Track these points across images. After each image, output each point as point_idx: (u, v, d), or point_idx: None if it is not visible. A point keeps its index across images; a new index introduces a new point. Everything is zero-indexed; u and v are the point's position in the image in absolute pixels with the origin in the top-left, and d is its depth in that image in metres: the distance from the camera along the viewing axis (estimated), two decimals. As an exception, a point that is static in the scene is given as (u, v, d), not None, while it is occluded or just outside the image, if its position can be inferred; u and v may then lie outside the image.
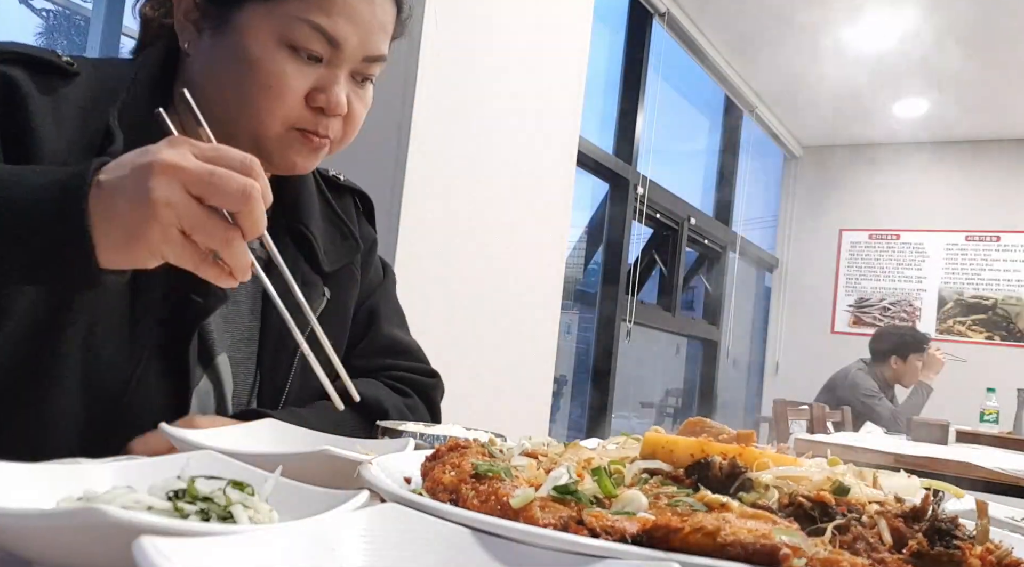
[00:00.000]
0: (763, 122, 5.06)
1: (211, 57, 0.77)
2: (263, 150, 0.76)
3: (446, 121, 1.84)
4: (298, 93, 0.75)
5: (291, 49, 0.74)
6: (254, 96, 0.74)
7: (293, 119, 0.76)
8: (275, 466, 0.47)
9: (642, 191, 3.58)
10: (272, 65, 0.74)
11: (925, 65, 3.93)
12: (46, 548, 0.36)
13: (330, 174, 0.97)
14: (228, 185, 0.53)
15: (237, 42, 0.74)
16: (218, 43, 0.76)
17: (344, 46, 0.75)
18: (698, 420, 0.57)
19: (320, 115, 0.77)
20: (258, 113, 0.75)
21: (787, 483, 0.47)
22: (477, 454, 0.49)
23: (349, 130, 0.81)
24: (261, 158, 0.75)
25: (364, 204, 1.00)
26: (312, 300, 0.85)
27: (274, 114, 0.75)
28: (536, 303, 2.25)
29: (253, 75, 0.74)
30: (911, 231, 5.32)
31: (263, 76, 0.74)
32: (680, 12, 3.80)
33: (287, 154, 0.78)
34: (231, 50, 0.75)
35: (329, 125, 0.78)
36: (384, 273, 1.01)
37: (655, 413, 4.77)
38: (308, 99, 0.76)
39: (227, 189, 0.53)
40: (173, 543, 0.31)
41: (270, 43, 0.74)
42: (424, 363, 0.98)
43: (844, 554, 0.37)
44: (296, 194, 0.88)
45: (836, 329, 5.43)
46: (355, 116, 0.80)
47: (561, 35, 2.29)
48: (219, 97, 0.76)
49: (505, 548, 0.37)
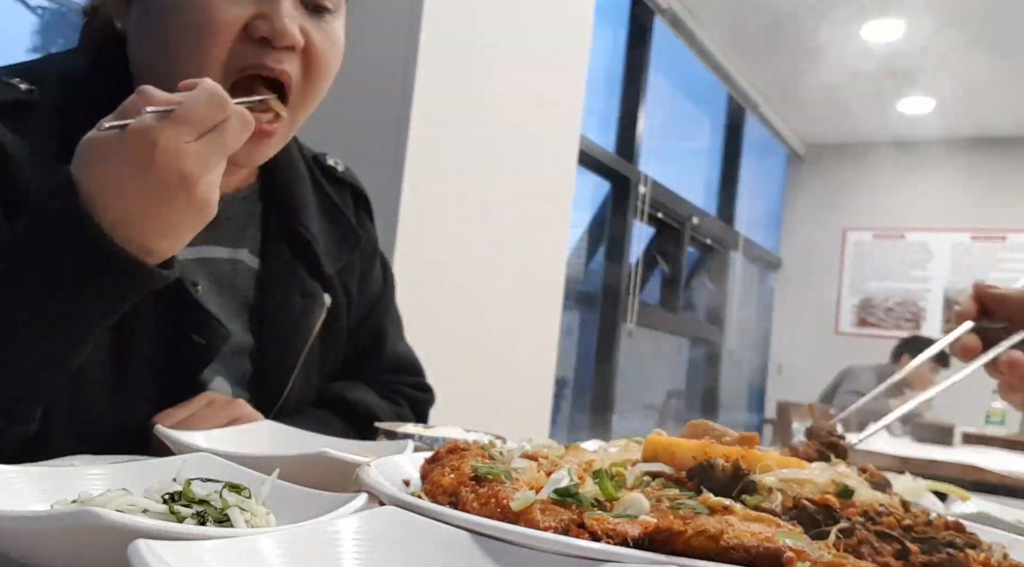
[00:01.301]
0: (766, 120, 5.05)
1: (140, 24, 0.70)
2: None
3: (446, 119, 1.84)
4: (232, 24, 0.65)
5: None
6: (184, 41, 0.66)
7: (233, 59, 0.66)
8: (272, 468, 0.46)
9: (644, 190, 3.57)
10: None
11: (930, 62, 3.91)
12: (41, 551, 0.36)
13: (327, 163, 0.88)
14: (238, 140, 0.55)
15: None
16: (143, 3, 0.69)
17: None
18: (701, 422, 0.57)
19: (266, 47, 0.66)
20: (190, 59, 0.65)
21: (791, 486, 0.47)
22: (477, 456, 0.48)
23: (316, 70, 0.69)
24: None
25: (363, 203, 0.92)
26: (313, 313, 0.80)
27: (209, 57, 0.65)
28: (537, 304, 2.25)
29: (177, 17, 0.66)
30: (916, 231, 5.30)
31: (188, 13, 0.65)
32: (682, 9, 3.80)
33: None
34: (153, 4, 0.68)
35: (282, 58, 0.67)
36: (385, 279, 0.95)
37: (657, 414, 4.76)
38: (247, 31, 0.66)
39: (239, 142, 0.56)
40: (169, 546, 0.30)
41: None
42: (421, 377, 0.95)
43: (849, 558, 0.37)
44: (288, 188, 0.81)
45: (840, 330, 5.42)
46: (319, 53, 0.69)
47: (562, 33, 2.28)
48: (152, 62, 0.69)
49: (505, 551, 0.37)
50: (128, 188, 0.53)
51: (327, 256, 0.82)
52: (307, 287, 0.80)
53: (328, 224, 0.84)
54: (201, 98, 0.54)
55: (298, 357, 0.79)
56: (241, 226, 0.79)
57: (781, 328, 5.61)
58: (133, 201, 0.53)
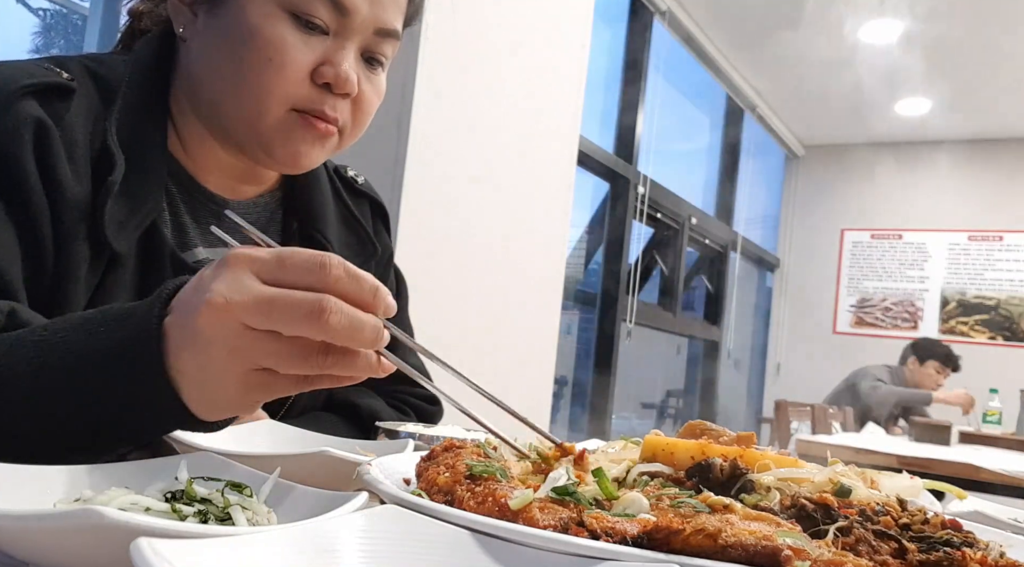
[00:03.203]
0: (764, 121, 5.05)
1: (206, 37, 0.71)
2: (262, 138, 0.70)
3: (446, 120, 1.84)
4: (302, 66, 0.68)
5: (294, 17, 0.68)
6: (252, 71, 0.67)
7: (296, 97, 0.69)
8: (273, 467, 0.47)
9: (643, 190, 3.58)
10: (272, 34, 0.67)
11: (928, 64, 3.92)
12: (44, 549, 0.36)
13: (348, 175, 0.90)
14: (293, 312, 0.42)
15: (234, 15, 0.68)
16: (214, 20, 0.70)
17: (354, 14, 0.69)
18: (698, 423, 0.57)
19: (327, 93, 0.69)
20: (257, 91, 0.68)
21: (789, 485, 0.47)
22: (472, 454, 0.48)
23: (360, 117, 0.73)
24: (260, 150, 0.71)
25: (381, 214, 0.93)
26: None
27: (274, 91, 0.68)
28: (536, 303, 2.25)
29: (251, 47, 0.67)
30: (913, 231, 5.31)
31: (262, 47, 0.67)
32: (681, 10, 3.80)
33: (290, 142, 0.70)
34: (227, 24, 0.69)
35: (337, 105, 0.70)
36: (399, 291, 0.95)
37: (656, 414, 4.77)
38: (313, 75, 0.69)
39: (293, 316, 0.42)
40: (171, 545, 0.31)
41: (271, 10, 0.67)
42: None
43: (848, 556, 0.37)
44: (309, 196, 0.82)
45: (838, 329, 5.43)
46: (366, 101, 0.73)
47: (561, 34, 2.29)
48: (214, 81, 0.70)
49: (505, 550, 0.37)
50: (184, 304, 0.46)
51: None
52: None
53: (346, 233, 0.86)
54: (304, 253, 0.44)
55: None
56: (261, 231, 0.79)
57: (779, 328, 5.62)
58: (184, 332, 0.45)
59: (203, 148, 0.75)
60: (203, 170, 0.76)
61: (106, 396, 0.47)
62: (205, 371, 0.45)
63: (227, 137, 0.73)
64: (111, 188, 0.65)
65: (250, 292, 0.43)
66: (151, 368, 0.45)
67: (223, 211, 0.69)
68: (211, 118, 0.73)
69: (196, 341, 0.44)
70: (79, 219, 0.65)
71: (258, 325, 0.43)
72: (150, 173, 0.69)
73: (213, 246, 0.75)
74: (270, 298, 0.42)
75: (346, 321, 0.43)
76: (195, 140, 0.75)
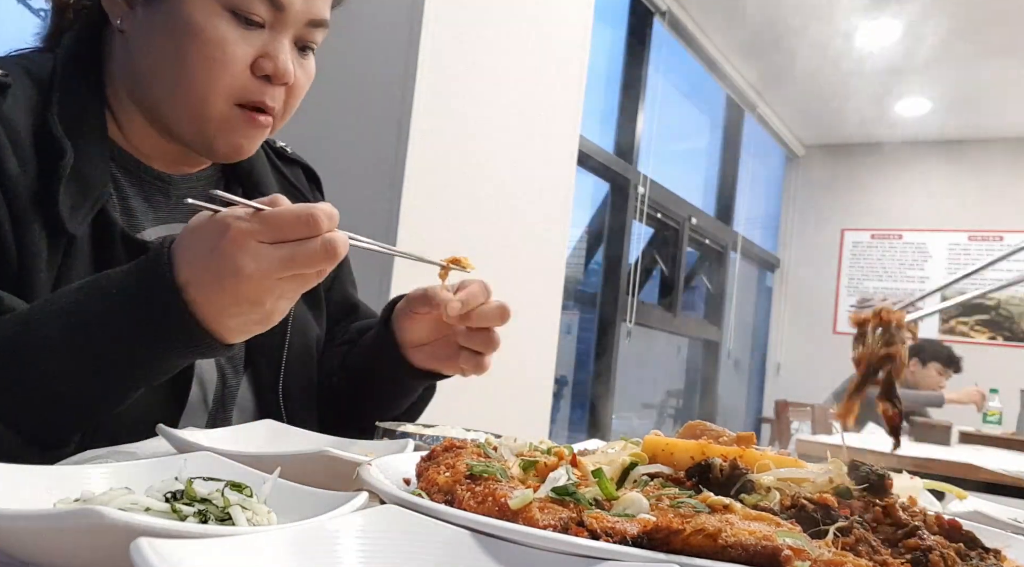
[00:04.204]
0: (764, 121, 5.05)
1: (146, 33, 0.72)
2: (205, 133, 0.74)
3: (446, 120, 1.84)
4: (243, 62, 0.71)
5: (232, 15, 0.70)
6: (196, 69, 0.70)
7: (238, 91, 0.72)
8: (273, 467, 0.47)
9: (643, 191, 3.58)
10: (215, 33, 0.70)
11: (928, 64, 3.92)
12: (44, 549, 0.36)
13: (277, 145, 0.95)
14: (312, 260, 0.55)
15: (175, 11, 0.70)
16: (153, 16, 0.72)
17: (288, 8, 0.72)
18: (698, 423, 0.57)
19: (266, 84, 0.73)
20: (201, 88, 0.71)
21: (788, 485, 0.47)
22: (472, 455, 0.48)
23: (292, 101, 0.77)
24: (202, 144, 0.75)
25: (315, 180, 0.98)
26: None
27: (219, 87, 0.71)
28: (536, 303, 2.25)
29: (195, 45, 0.70)
30: (913, 231, 5.31)
31: (206, 46, 0.69)
32: (681, 11, 3.80)
33: (231, 136, 0.74)
34: (168, 21, 0.70)
35: (275, 94, 0.74)
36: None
37: (656, 414, 4.77)
38: (253, 68, 0.72)
39: (313, 262, 0.56)
40: (171, 544, 0.31)
41: (212, 9, 0.70)
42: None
43: (848, 556, 0.37)
44: (250, 164, 0.86)
45: (838, 329, 5.42)
46: (299, 86, 0.77)
47: (562, 34, 2.29)
48: (156, 76, 0.73)
49: (505, 550, 0.37)
50: (197, 262, 0.56)
51: None
52: None
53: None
54: (292, 209, 0.56)
55: (285, 326, 0.83)
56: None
57: (779, 328, 5.62)
58: (199, 274, 0.56)
59: (144, 135, 0.78)
60: (145, 154, 0.79)
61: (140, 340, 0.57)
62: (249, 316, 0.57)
63: (169, 130, 0.76)
64: (62, 173, 0.67)
65: (272, 257, 0.55)
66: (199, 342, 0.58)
67: (169, 188, 0.78)
68: (152, 111, 0.75)
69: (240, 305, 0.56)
70: (32, 207, 0.67)
71: (286, 275, 0.56)
72: (95, 158, 0.71)
73: (164, 223, 0.79)
74: (291, 257, 0.55)
75: (343, 245, 0.56)
76: (135, 128, 0.77)
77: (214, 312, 0.57)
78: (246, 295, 0.56)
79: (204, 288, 0.56)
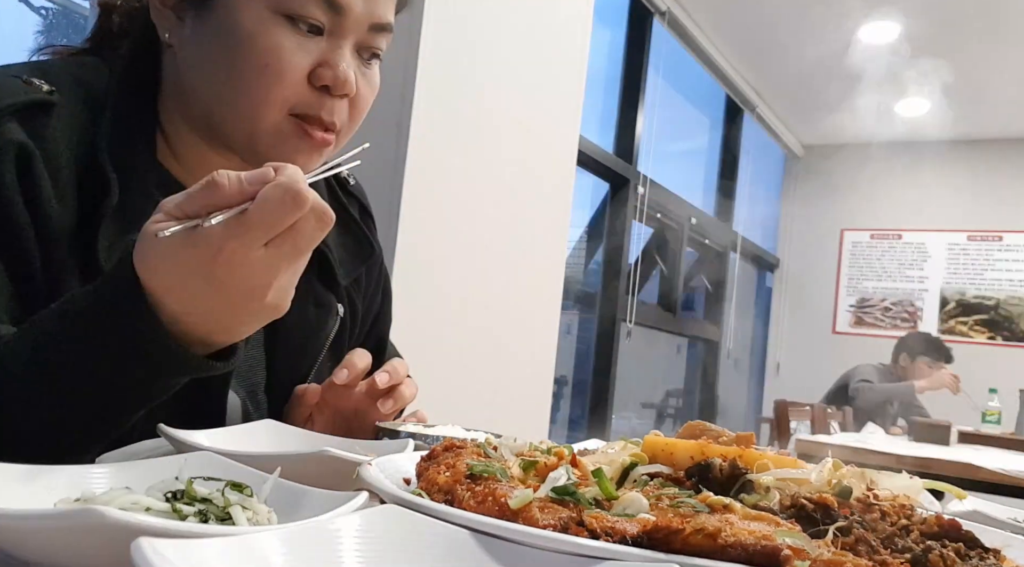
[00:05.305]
0: (764, 121, 5.06)
1: (196, 44, 0.68)
2: (258, 148, 0.68)
3: (446, 120, 1.84)
4: (299, 70, 0.66)
5: (288, 19, 0.65)
6: (249, 78, 0.65)
7: (294, 102, 0.67)
8: (274, 467, 0.47)
9: (642, 191, 3.58)
10: (268, 39, 0.65)
11: (927, 64, 3.92)
12: (44, 549, 0.36)
13: (343, 175, 0.89)
14: (312, 243, 0.52)
15: (225, 19, 0.66)
16: (203, 26, 0.67)
17: (348, 12, 0.67)
18: (698, 423, 0.57)
19: (325, 96, 0.68)
20: (254, 98, 0.66)
21: (788, 485, 0.47)
22: (472, 454, 0.49)
23: (355, 116, 0.72)
24: (255, 156, 0.69)
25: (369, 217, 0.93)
26: (327, 323, 0.80)
27: (272, 97, 0.66)
28: (536, 303, 2.25)
29: (246, 53, 0.65)
30: (913, 231, 5.31)
31: (258, 53, 0.65)
32: (681, 11, 3.80)
33: (285, 150, 0.68)
34: (219, 30, 0.66)
35: (335, 109, 0.69)
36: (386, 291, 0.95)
37: (655, 414, 4.77)
38: (311, 78, 0.67)
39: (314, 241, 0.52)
40: (171, 544, 0.31)
41: (264, 14, 0.65)
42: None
43: (848, 555, 0.37)
44: None
45: (837, 329, 5.43)
46: (362, 100, 0.71)
47: (561, 34, 2.29)
48: (208, 89, 0.68)
49: (505, 549, 0.37)
50: (190, 292, 0.51)
51: (341, 267, 0.83)
52: (321, 297, 0.80)
53: (342, 235, 0.85)
54: (274, 197, 0.49)
55: (312, 367, 0.80)
56: None
57: (779, 328, 5.62)
58: (195, 303, 0.51)
59: (195, 154, 0.73)
60: (195, 177, 0.74)
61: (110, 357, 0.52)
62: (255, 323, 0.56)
63: (221, 143, 0.72)
64: (105, 212, 0.64)
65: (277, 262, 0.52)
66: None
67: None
68: (205, 125, 0.72)
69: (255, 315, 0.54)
70: (68, 247, 0.63)
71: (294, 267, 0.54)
72: (142, 192, 0.67)
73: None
74: (295, 249, 0.52)
75: (329, 210, 0.52)
76: (187, 147, 0.73)
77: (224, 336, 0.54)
78: (272, 305, 0.53)
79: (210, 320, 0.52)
